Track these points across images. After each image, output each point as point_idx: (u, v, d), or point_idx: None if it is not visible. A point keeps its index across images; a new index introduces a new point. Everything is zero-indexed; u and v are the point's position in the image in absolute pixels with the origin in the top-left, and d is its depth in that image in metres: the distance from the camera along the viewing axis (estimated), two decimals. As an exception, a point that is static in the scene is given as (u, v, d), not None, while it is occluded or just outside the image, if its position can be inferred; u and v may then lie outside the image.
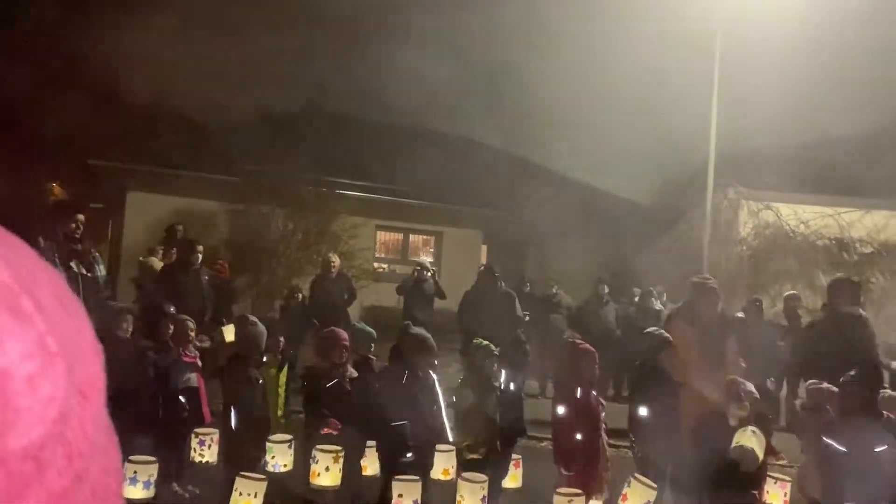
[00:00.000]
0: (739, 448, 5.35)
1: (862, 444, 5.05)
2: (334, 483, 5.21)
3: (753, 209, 14.02)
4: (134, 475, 4.61)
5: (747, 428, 5.47)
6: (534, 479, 6.40)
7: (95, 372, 0.53)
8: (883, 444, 5.00)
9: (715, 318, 6.84)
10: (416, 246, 18.07)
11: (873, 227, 13.49)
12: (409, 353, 5.73)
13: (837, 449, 5.22)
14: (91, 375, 0.52)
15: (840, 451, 5.19)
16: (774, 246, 13.83)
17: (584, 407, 5.61)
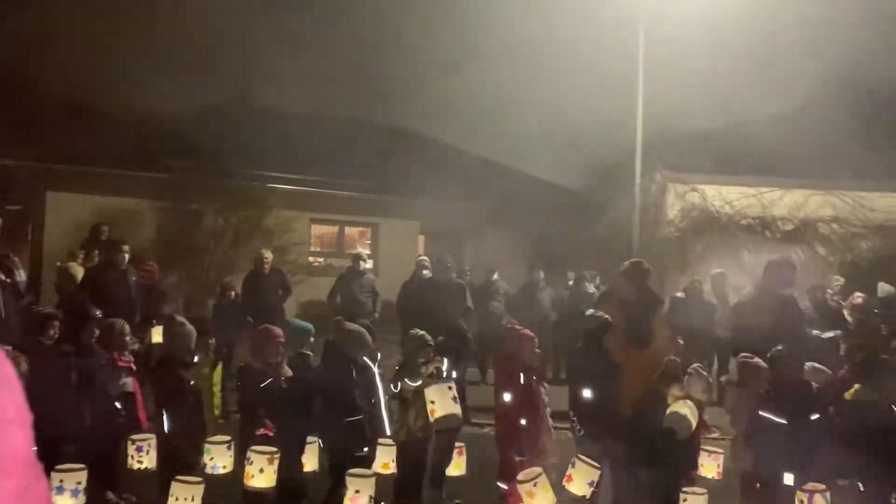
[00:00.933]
0: (674, 414, 5.50)
1: (798, 414, 5.27)
2: (269, 484, 5.14)
3: (680, 191, 14.41)
4: (60, 484, 4.44)
5: (680, 401, 5.63)
6: (478, 466, 6.45)
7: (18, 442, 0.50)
8: (816, 413, 5.22)
9: (644, 298, 7.02)
10: (353, 238, 17.91)
11: (793, 204, 14.04)
12: (346, 348, 5.69)
13: (774, 421, 5.43)
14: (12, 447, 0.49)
15: (778, 422, 5.40)
16: (701, 226, 14.25)
17: (526, 391, 5.68)
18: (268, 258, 10.78)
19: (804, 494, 5.03)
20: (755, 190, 14.12)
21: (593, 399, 5.78)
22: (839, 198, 14.03)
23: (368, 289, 11.53)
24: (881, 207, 13.86)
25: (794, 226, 14.09)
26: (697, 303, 10.70)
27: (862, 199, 13.95)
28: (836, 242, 14.00)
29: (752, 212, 14.17)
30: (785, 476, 5.27)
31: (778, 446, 5.34)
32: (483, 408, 7.86)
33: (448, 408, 5.40)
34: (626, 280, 6.95)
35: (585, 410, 5.82)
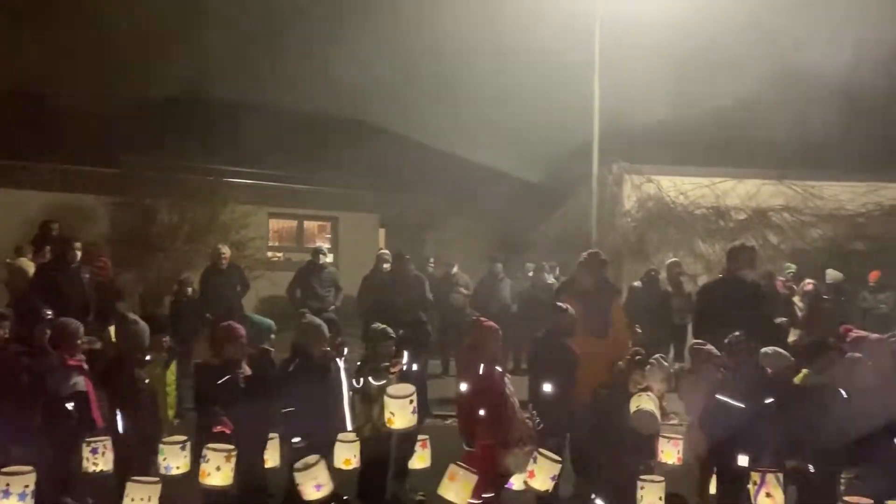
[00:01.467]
0: (639, 412, 5.59)
1: (753, 398, 5.39)
2: (226, 482, 5.10)
3: (636, 183, 14.61)
4: (7, 488, 4.33)
5: (642, 393, 5.72)
6: (442, 458, 6.47)
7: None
8: (770, 397, 5.35)
9: (602, 289, 7.11)
10: (312, 232, 17.75)
11: (746, 194, 14.35)
12: (306, 342, 5.65)
13: (730, 405, 5.55)
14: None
15: (733, 406, 5.53)
16: (656, 217, 14.48)
17: (486, 382, 5.70)
18: (225, 253, 10.64)
19: (757, 475, 5.16)
20: (709, 180, 14.39)
21: (553, 390, 5.83)
22: (790, 187, 14.38)
23: (329, 283, 11.46)
24: (830, 196, 14.25)
25: (747, 215, 14.40)
26: (654, 291, 10.86)
27: (812, 189, 14.32)
28: (788, 231, 14.35)
29: (706, 202, 14.44)
30: (739, 458, 5.40)
31: (733, 430, 5.47)
32: (446, 400, 7.88)
33: (406, 421, 5.42)
34: (584, 270, 7.04)
35: (545, 402, 5.87)
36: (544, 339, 6.16)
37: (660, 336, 9.98)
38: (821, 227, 14.35)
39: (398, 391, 5.51)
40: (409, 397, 5.42)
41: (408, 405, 5.39)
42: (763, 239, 14.34)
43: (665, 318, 10.56)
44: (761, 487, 5.13)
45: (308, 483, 5.09)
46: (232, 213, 13.95)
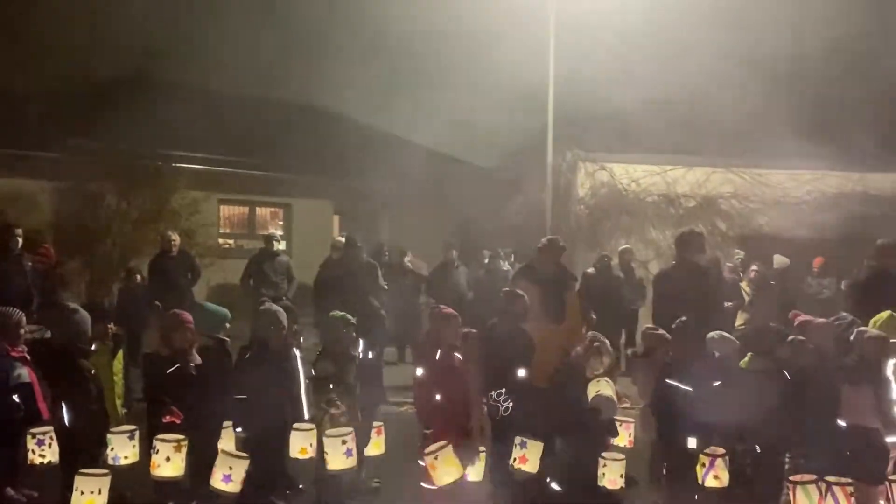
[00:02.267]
0: (599, 397, 5.67)
1: (701, 381, 5.52)
2: (177, 473, 5.02)
3: (590, 170, 14.73)
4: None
5: (600, 379, 5.79)
6: (397, 445, 6.47)
7: None
8: (718, 380, 5.47)
9: (559, 275, 7.19)
10: (264, 219, 17.49)
11: (695, 182, 14.61)
12: (265, 330, 5.57)
13: (678, 388, 5.68)
14: None
15: (681, 390, 5.66)
16: (609, 204, 14.65)
17: (444, 369, 5.71)
18: (175, 240, 10.44)
19: (706, 458, 5.29)
20: (660, 168, 14.60)
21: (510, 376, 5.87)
22: (738, 175, 14.68)
23: (282, 270, 11.34)
24: (776, 183, 14.59)
25: (697, 202, 14.67)
26: (607, 277, 11.03)
27: (759, 176, 14.64)
28: (736, 217, 14.67)
29: (657, 189, 14.66)
30: (688, 440, 5.53)
31: (681, 413, 5.60)
32: (401, 387, 7.89)
33: (339, 463, 5.35)
34: (542, 257, 7.10)
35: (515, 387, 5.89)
36: (499, 326, 6.18)
37: (612, 321, 10.14)
38: (767, 214, 14.69)
39: (335, 431, 5.43)
40: (342, 437, 5.35)
41: (340, 445, 5.32)
42: (712, 225, 14.64)
43: (617, 304, 10.74)
44: (709, 470, 5.27)
45: None
46: (181, 199, 13.64)
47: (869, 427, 5.22)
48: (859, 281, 7.17)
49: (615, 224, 14.49)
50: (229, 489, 5.04)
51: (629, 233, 14.36)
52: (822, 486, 5.02)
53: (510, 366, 5.90)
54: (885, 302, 6.30)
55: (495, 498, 5.76)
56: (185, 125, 14.86)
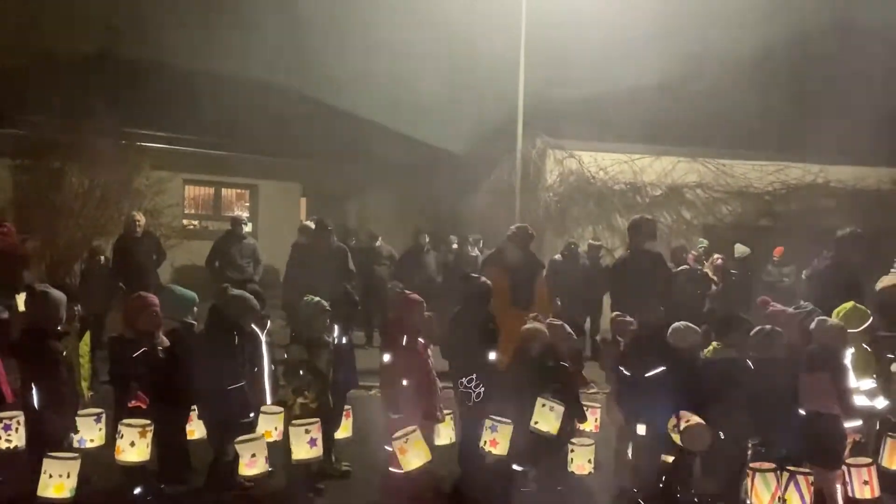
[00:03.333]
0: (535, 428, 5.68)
1: (642, 369, 5.64)
2: (142, 458, 5.02)
3: (559, 158, 14.82)
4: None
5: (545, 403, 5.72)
6: (364, 428, 6.50)
7: None
8: (658, 367, 5.59)
9: (527, 262, 7.26)
10: (230, 201, 17.28)
11: (662, 171, 14.80)
12: (233, 315, 5.52)
13: (625, 375, 5.82)
14: None
15: (626, 376, 5.80)
16: (577, 192, 14.76)
17: (410, 354, 5.74)
18: (139, 220, 10.27)
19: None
20: (627, 157, 14.75)
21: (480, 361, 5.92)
22: (703, 165, 14.90)
23: (249, 253, 11.24)
24: (740, 174, 14.86)
25: (663, 191, 14.86)
26: (573, 264, 11.13)
27: (723, 167, 14.89)
28: (700, 207, 14.91)
29: (625, 178, 14.81)
30: (638, 427, 5.66)
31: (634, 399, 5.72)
32: (369, 371, 7.87)
33: (304, 453, 5.35)
34: (512, 244, 7.17)
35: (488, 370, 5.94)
36: (465, 310, 6.20)
37: (578, 308, 10.26)
38: (730, 203, 14.96)
39: (300, 421, 5.41)
40: (305, 426, 5.35)
41: (303, 434, 5.31)
42: (677, 214, 14.87)
43: (583, 291, 10.86)
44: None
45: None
46: (146, 178, 13.40)
47: (827, 414, 5.38)
48: (819, 271, 7.35)
49: (583, 211, 14.62)
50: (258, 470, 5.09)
51: (596, 220, 14.52)
52: (780, 474, 5.18)
53: (479, 351, 5.95)
54: (844, 291, 6.48)
55: (467, 481, 5.83)
56: (151, 103, 14.58)
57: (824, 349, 5.51)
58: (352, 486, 5.99)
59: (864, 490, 5.43)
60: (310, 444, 5.34)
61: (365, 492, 5.77)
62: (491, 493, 5.60)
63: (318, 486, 5.77)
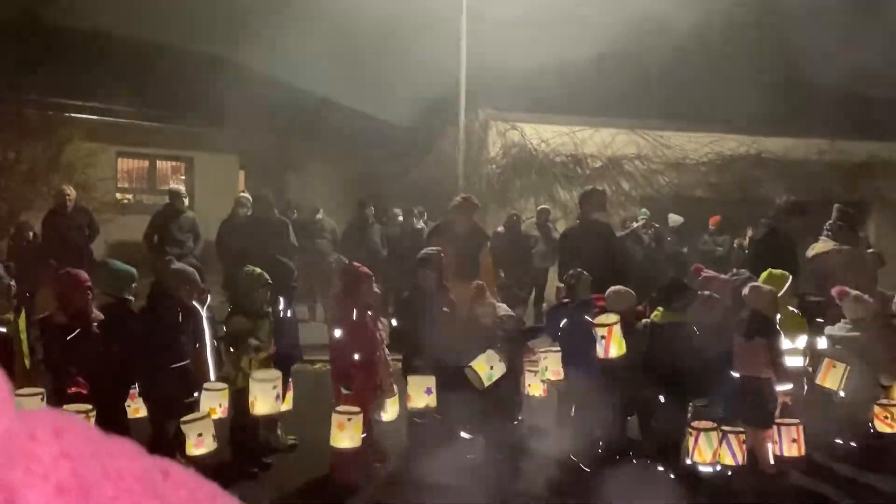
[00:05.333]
0: (469, 370, 5.80)
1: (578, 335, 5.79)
2: None
3: (501, 130, 14.85)
4: None
5: (491, 357, 5.86)
6: (305, 401, 6.48)
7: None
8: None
9: (472, 233, 7.29)
10: (165, 173, 16.77)
11: (602, 143, 15.00)
12: (175, 290, 5.39)
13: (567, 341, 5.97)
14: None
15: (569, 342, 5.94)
16: (520, 164, 14.84)
17: (360, 328, 5.71)
18: (70, 195, 9.91)
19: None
20: (568, 129, 14.89)
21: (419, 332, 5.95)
22: (642, 136, 15.16)
23: (188, 227, 10.97)
24: (677, 145, 15.17)
25: (603, 163, 15.07)
26: (516, 236, 11.23)
27: (660, 138, 15.17)
28: (638, 178, 15.19)
29: (566, 150, 14.95)
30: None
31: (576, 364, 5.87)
32: (312, 345, 7.82)
33: (269, 407, 5.34)
34: (456, 215, 7.18)
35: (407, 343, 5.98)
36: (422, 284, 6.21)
37: (521, 279, 10.38)
38: (668, 174, 15.28)
39: (263, 375, 5.39)
40: (272, 382, 5.31)
41: (270, 390, 5.29)
42: (616, 185, 15.11)
43: (526, 262, 10.98)
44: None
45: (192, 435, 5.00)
46: (76, 151, 12.89)
47: (760, 377, 5.60)
48: (756, 239, 7.60)
49: (525, 183, 14.73)
50: (206, 449, 5.00)
51: (538, 192, 14.65)
52: (719, 433, 5.42)
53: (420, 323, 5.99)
54: (779, 258, 6.72)
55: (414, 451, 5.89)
56: (81, 72, 13.97)
57: (759, 315, 5.71)
58: (299, 459, 5.97)
59: (793, 448, 5.70)
60: (276, 399, 5.32)
61: (313, 464, 5.75)
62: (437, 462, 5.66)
63: (265, 461, 5.73)
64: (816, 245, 7.73)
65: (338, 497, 5.34)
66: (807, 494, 5.66)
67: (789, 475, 5.82)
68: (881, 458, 6.27)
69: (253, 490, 5.36)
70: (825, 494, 5.66)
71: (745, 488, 5.47)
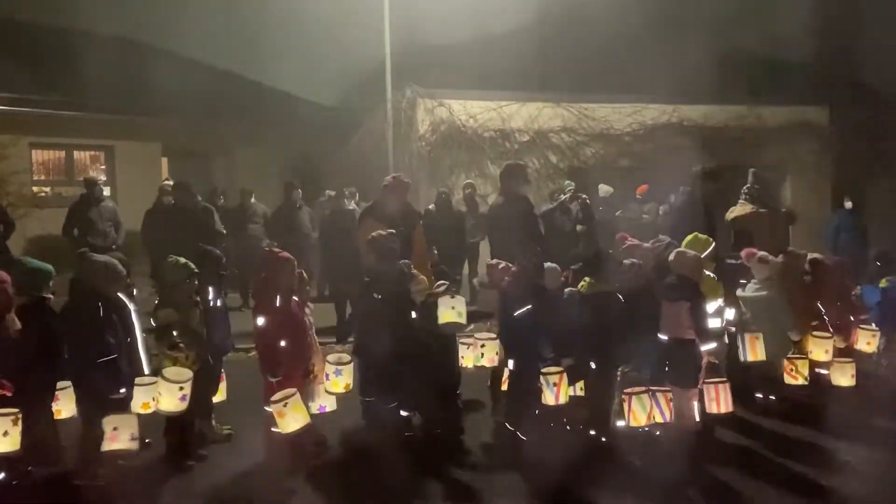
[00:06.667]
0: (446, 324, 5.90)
1: (514, 308, 5.89)
2: (14, 447, 4.76)
3: (429, 106, 14.83)
4: None
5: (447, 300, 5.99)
6: (241, 391, 6.41)
7: None
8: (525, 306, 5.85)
9: (405, 212, 7.29)
10: (84, 164, 16.14)
11: (528, 117, 15.15)
12: (97, 283, 5.21)
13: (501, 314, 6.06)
14: None
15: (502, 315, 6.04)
16: (449, 140, 14.87)
17: (284, 314, 5.65)
18: (-20, 191, 9.46)
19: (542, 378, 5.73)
20: (496, 104, 14.97)
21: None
22: (566, 109, 15.37)
23: (109, 217, 10.65)
24: (600, 117, 15.45)
25: (530, 136, 15.23)
26: (447, 213, 11.26)
27: (585, 110, 15.42)
28: (566, 150, 15.42)
29: (494, 125, 15.05)
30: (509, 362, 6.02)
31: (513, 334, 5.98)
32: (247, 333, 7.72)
33: (171, 405, 5.24)
34: (388, 195, 7.16)
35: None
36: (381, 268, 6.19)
37: (454, 255, 10.43)
38: (593, 146, 15.55)
39: (173, 375, 5.30)
40: (179, 383, 5.23)
41: (176, 391, 5.20)
42: (544, 158, 15.31)
43: (458, 238, 11.03)
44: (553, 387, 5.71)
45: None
46: (-15, 144, 12.32)
47: (685, 339, 5.81)
48: (677, 205, 7.83)
49: (455, 160, 14.77)
50: (121, 445, 4.89)
51: (468, 168, 14.71)
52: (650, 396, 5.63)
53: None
54: (699, 223, 6.95)
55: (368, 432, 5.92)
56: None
57: (683, 279, 5.91)
58: (235, 449, 5.91)
59: (716, 405, 5.95)
60: (181, 399, 5.23)
61: (249, 454, 5.71)
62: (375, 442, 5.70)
63: (200, 453, 5.66)
64: (735, 208, 8.03)
65: (276, 484, 5.32)
66: (731, 449, 5.93)
67: (714, 430, 6.08)
68: (797, 411, 6.62)
69: (188, 483, 5.30)
70: (749, 448, 5.95)
71: (673, 445, 5.70)
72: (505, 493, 5.10)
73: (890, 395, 7.16)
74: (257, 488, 5.28)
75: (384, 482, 5.26)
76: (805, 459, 5.68)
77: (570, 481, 5.20)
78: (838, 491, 5.18)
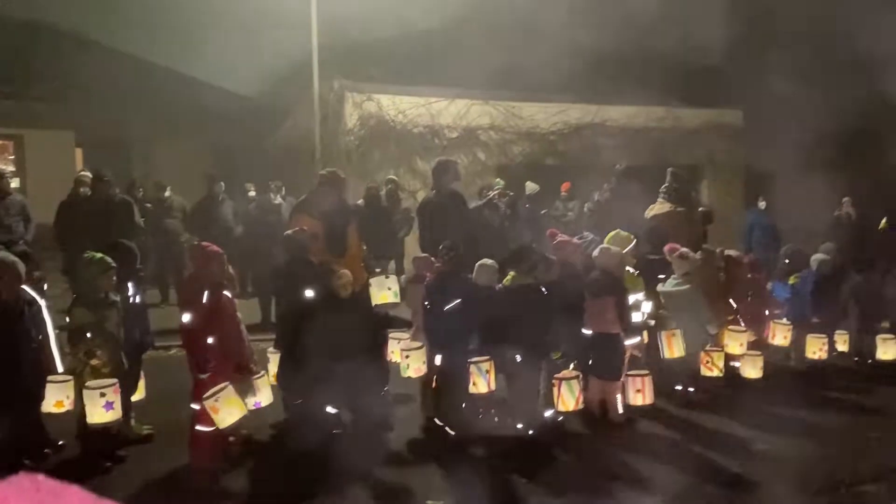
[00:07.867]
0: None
1: (442, 303, 5.93)
2: None
3: (357, 101, 14.67)
4: None
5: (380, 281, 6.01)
6: (161, 388, 6.22)
7: None
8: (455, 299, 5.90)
9: (340, 208, 7.20)
10: (-9, 154, 15.34)
11: (457, 114, 15.19)
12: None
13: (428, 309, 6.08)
14: None
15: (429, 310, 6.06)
16: (378, 135, 14.76)
17: (213, 310, 5.50)
18: None
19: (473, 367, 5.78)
20: (425, 100, 14.94)
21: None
22: (494, 107, 15.49)
23: (17, 211, 10.10)
24: (528, 115, 15.64)
25: (459, 133, 15.28)
26: (375, 208, 11.21)
27: (513, 109, 15.58)
28: (493, 148, 15.54)
29: (423, 121, 15.02)
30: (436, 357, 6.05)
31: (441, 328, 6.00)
32: (166, 330, 7.48)
33: (99, 417, 5.07)
34: (323, 190, 7.04)
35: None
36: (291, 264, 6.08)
37: (382, 250, 10.39)
38: (520, 144, 15.73)
39: (97, 383, 5.10)
40: (100, 390, 5.04)
41: (98, 398, 5.01)
42: (473, 155, 15.39)
43: (387, 233, 11.00)
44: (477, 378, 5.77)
45: None
46: None
47: (611, 332, 5.95)
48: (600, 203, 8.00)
49: (384, 155, 14.68)
50: None
51: (398, 163, 14.65)
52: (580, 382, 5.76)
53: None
54: (621, 220, 7.13)
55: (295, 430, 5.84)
56: None
57: (607, 275, 6.05)
58: (156, 448, 5.72)
59: (639, 397, 6.13)
60: (105, 407, 5.01)
61: (171, 453, 5.53)
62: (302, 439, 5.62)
63: (118, 453, 5.45)
64: (654, 206, 8.27)
65: (198, 483, 5.17)
66: (653, 438, 6.10)
67: (636, 422, 6.25)
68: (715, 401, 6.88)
69: (106, 485, 5.09)
70: (669, 437, 6.14)
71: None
72: (435, 489, 5.10)
73: (797, 386, 7.52)
74: (180, 489, 5.12)
75: (312, 480, 5.18)
76: (721, 448, 5.89)
77: (498, 476, 5.25)
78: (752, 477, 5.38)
